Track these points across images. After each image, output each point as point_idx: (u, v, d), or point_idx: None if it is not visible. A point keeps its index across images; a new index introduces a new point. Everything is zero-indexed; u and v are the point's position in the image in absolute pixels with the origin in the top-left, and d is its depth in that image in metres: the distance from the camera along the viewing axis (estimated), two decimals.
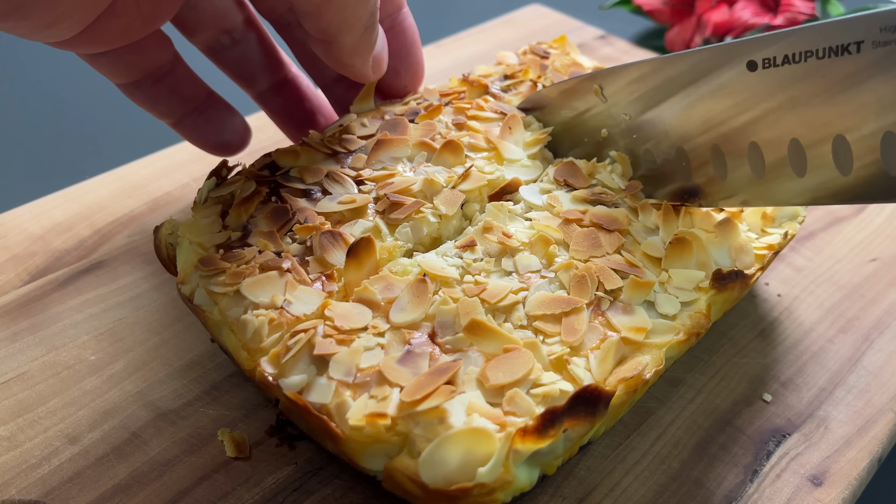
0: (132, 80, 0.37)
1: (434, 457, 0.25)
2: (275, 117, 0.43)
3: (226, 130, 0.41)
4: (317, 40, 0.33)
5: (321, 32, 0.32)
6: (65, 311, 0.38)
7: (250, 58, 0.41)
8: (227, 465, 0.32)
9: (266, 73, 0.42)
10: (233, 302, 0.30)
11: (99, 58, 0.34)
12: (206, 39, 0.40)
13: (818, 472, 0.32)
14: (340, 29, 0.32)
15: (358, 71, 0.35)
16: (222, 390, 0.35)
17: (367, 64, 0.35)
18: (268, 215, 0.33)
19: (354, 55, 0.34)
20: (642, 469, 0.32)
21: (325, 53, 0.34)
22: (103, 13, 0.30)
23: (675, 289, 0.32)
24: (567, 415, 0.26)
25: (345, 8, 0.31)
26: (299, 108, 0.43)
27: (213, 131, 0.40)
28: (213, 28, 0.39)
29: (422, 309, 0.29)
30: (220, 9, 0.39)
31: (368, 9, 0.32)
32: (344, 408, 0.27)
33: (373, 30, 0.34)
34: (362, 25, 0.32)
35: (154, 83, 0.37)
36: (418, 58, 0.42)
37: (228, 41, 0.40)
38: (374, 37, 0.34)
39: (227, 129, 0.41)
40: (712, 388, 0.36)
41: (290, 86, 0.43)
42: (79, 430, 0.33)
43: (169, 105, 0.39)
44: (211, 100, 0.40)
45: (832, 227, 0.46)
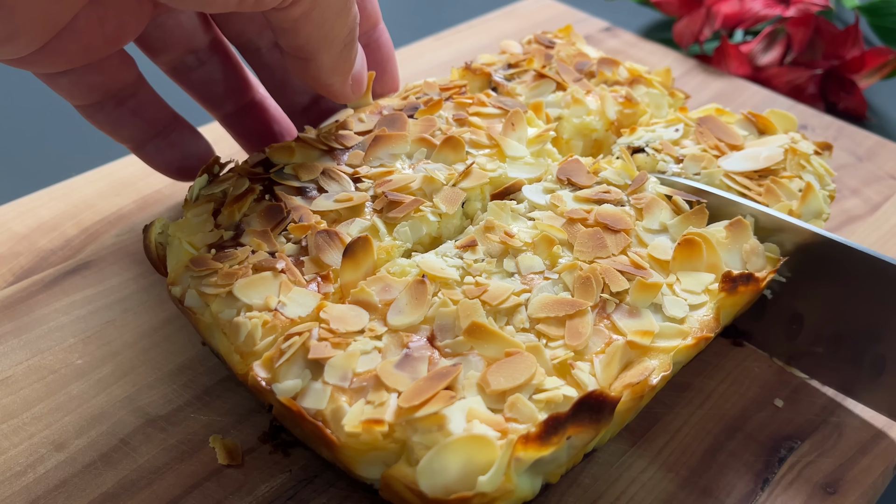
0: (93, 102, 0.35)
1: (433, 465, 0.25)
2: (241, 140, 0.43)
3: (189, 155, 0.40)
4: (294, 58, 0.33)
5: (298, 50, 0.32)
6: (50, 314, 0.38)
7: (216, 79, 0.40)
8: (219, 472, 0.32)
9: (232, 96, 0.41)
10: (225, 304, 0.30)
11: (58, 78, 0.33)
12: (171, 60, 0.39)
13: (831, 479, 0.32)
14: (319, 46, 0.32)
15: (337, 90, 0.35)
16: (214, 395, 0.35)
17: (346, 83, 0.35)
18: (261, 214, 0.33)
19: (333, 74, 0.34)
20: (649, 477, 0.32)
21: (303, 72, 0.34)
22: (63, 30, 0.29)
23: (683, 291, 0.32)
24: (571, 421, 0.26)
25: (323, 24, 0.31)
26: (266, 131, 0.43)
27: (176, 156, 0.40)
28: (178, 48, 0.39)
29: (420, 311, 0.29)
30: (186, 29, 0.38)
31: (348, 25, 0.32)
32: (339, 414, 0.27)
33: (352, 47, 0.33)
34: (342, 42, 0.32)
35: (116, 105, 0.36)
36: (394, 74, 0.42)
37: (194, 62, 0.40)
38: (353, 54, 0.34)
39: (190, 153, 0.40)
40: (722, 393, 0.36)
41: (256, 108, 0.42)
42: (65, 437, 0.33)
43: (132, 129, 0.38)
44: (175, 123, 0.39)
45: (846, 227, 0.46)
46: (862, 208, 0.47)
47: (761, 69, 0.62)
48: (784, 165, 0.37)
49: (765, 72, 0.61)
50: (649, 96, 0.43)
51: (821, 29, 0.62)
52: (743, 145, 0.39)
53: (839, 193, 0.48)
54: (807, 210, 0.36)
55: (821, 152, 0.39)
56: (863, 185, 0.49)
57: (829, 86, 0.62)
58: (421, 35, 0.64)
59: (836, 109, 0.62)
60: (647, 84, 0.44)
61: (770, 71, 0.61)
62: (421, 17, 0.78)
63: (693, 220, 0.34)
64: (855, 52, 0.60)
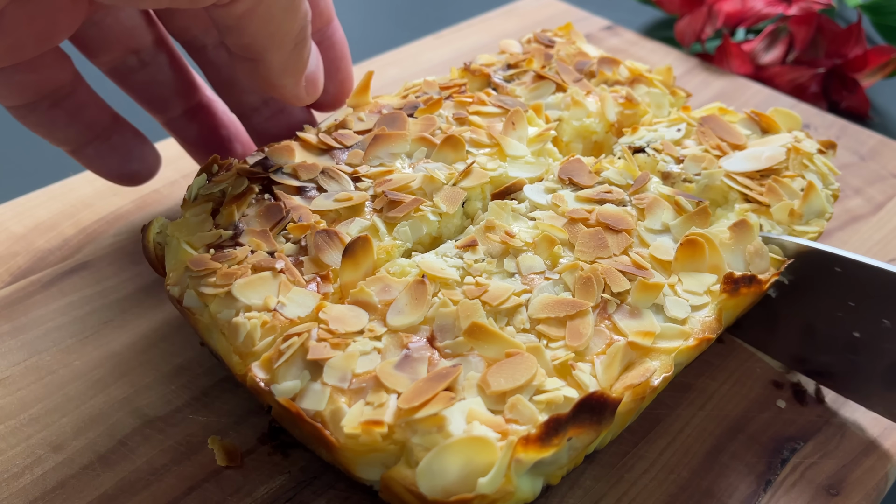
0: (25, 103, 0.34)
1: (433, 466, 0.25)
2: (187, 146, 0.41)
3: (132, 160, 0.38)
4: (241, 59, 0.31)
5: (245, 49, 0.30)
6: (48, 314, 0.38)
7: (160, 81, 0.39)
8: (218, 474, 0.32)
9: (177, 98, 0.39)
10: (224, 304, 0.30)
11: None
12: (110, 61, 0.37)
13: (834, 481, 0.32)
14: (267, 45, 0.30)
15: (289, 92, 0.33)
16: (212, 396, 0.35)
17: (299, 84, 0.33)
18: (260, 214, 0.33)
19: (284, 74, 0.32)
20: (650, 479, 0.32)
21: (252, 74, 0.32)
22: None
23: (685, 292, 0.31)
24: (571, 423, 0.26)
25: (271, 21, 0.29)
26: (214, 135, 0.41)
27: (118, 161, 0.38)
28: (118, 48, 0.36)
29: (420, 311, 0.29)
30: (126, 27, 0.36)
31: (298, 22, 0.30)
32: (339, 415, 0.27)
33: (304, 46, 0.32)
34: (292, 41, 0.30)
35: (51, 106, 0.34)
36: (347, 72, 0.41)
37: (136, 63, 0.38)
38: (305, 54, 0.32)
39: (133, 158, 0.38)
40: (724, 394, 0.36)
41: (203, 112, 0.41)
42: (63, 438, 0.33)
43: (68, 131, 0.36)
44: (116, 125, 0.37)
45: (849, 226, 0.46)
46: (865, 208, 0.47)
47: (763, 68, 0.62)
48: (786, 165, 0.37)
49: (767, 71, 0.61)
50: (650, 96, 0.43)
51: (823, 27, 0.62)
52: (746, 144, 0.39)
53: (842, 193, 0.48)
54: (809, 209, 0.36)
55: (825, 151, 0.39)
56: (866, 185, 0.49)
57: (831, 85, 0.62)
58: (421, 33, 0.64)
59: (838, 108, 0.62)
60: (647, 83, 0.44)
61: (772, 70, 0.61)
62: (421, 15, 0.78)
63: (695, 221, 0.34)
64: (857, 51, 0.60)
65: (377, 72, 0.56)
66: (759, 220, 0.35)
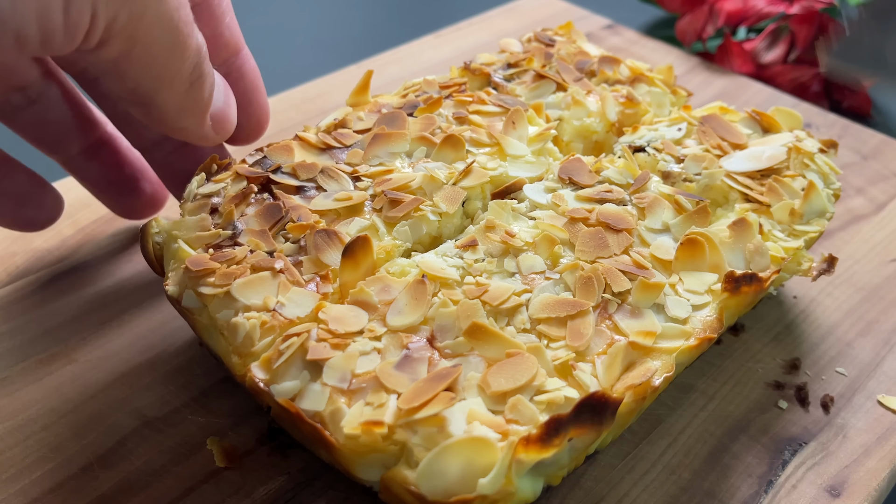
0: None
1: (433, 467, 0.25)
2: (89, 186, 0.38)
3: (27, 206, 0.35)
4: (131, 103, 0.28)
5: (132, 94, 0.28)
6: (46, 314, 0.38)
7: (52, 120, 0.35)
8: (217, 475, 0.31)
9: (74, 137, 0.36)
10: (223, 304, 0.30)
11: None
12: None
13: (836, 482, 0.32)
14: (155, 87, 0.27)
15: (193, 134, 0.31)
16: (211, 397, 0.35)
17: (203, 124, 0.31)
18: (259, 213, 0.33)
19: (183, 116, 0.29)
20: (652, 479, 0.32)
21: (146, 117, 0.29)
22: None
23: (686, 291, 0.31)
24: (572, 423, 0.26)
25: (153, 63, 0.26)
26: (118, 174, 0.38)
27: (11, 207, 0.35)
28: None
29: (420, 311, 0.29)
30: (5, 64, 0.31)
31: (188, 59, 0.27)
32: (338, 415, 0.27)
33: (201, 84, 0.29)
34: (185, 80, 0.28)
35: None
36: (261, 105, 0.38)
37: (22, 100, 0.34)
38: (205, 92, 0.29)
39: (28, 204, 0.35)
40: (725, 395, 0.36)
41: (104, 149, 0.38)
42: (61, 439, 0.33)
43: None
44: (6, 169, 0.34)
45: (850, 227, 0.46)
46: (867, 207, 0.47)
47: (765, 67, 0.62)
48: (787, 164, 0.37)
49: (768, 70, 0.61)
50: (651, 95, 0.43)
51: (825, 26, 0.62)
52: (747, 144, 0.39)
53: (844, 192, 0.48)
54: (809, 209, 0.36)
55: (826, 150, 0.39)
56: (868, 184, 0.49)
57: (833, 84, 0.62)
58: (421, 32, 0.64)
59: (840, 108, 0.62)
60: (648, 82, 0.44)
61: (774, 69, 0.61)
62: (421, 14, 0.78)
63: (696, 220, 0.34)
64: None
65: (377, 71, 0.56)
66: (758, 219, 0.35)
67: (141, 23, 0.25)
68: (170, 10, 0.26)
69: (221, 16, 0.34)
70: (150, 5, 0.25)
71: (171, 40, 0.26)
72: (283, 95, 0.55)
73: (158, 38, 0.26)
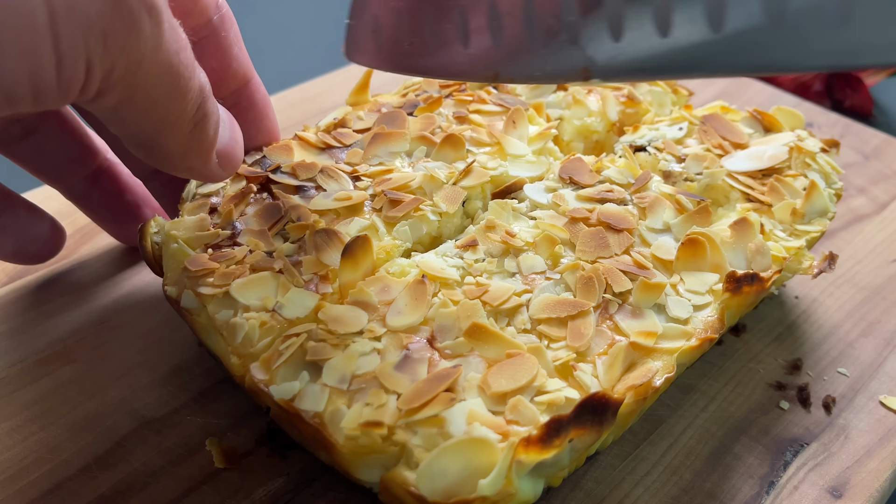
0: None
1: (433, 468, 0.25)
2: (91, 214, 0.39)
3: (28, 240, 0.35)
4: (133, 146, 0.28)
5: (133, 138, 0.27)
6: (44, 314, 0.38)
7: (51, 149, 0.35)
8: (216, 476, 0.31)
9: (74, 165, 0.36)
10: (222, 304, 0.30)
11: None
12: None
13: (838, 483, 0.32)
14: (158, 131, 0.26)
15: (199, 173, 0.30)
16: (210, 397, 0.35)
17: (209, 163, 0.30)
18: (259, 213, 0.33)
19: (188, 157, 0.29)
20: (653, 480, 0.32)
21: (150, 160, 0.29)
22: None
23: (687, 291, 0.31)
24: (573, 424, 0.26)
25: (154, 108, 0.25)
26: (119, 201, 0.38)
27: (12, 241, 0.35)
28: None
29: (420, 312, 0.29)
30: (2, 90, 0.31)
31: (191, 101, 0.26)
32: (338, 416, 0.27)
33: (206, 123, 0.28)
34: (188, 122, 0.27)
35: None
36: (271, 132, 0.37)
37: (19, 131, 0.34)
38: (210, 131, 0.29)
39: (28, 237, 0.35)
40: (726, 396, 0.36)
41: (104, 177, 0.38)
42: (59, 440, 0.33)
43: None
44: (6, 203, 0.34)
45: (852, 226, 0.46)
46: (869, 207, 0.47)
47: None
48: (789, 164, 0.37)
49: None
50: (652, 94, 0.43)
51: None
52: (748, 143, 0.39)
53: (845, 192, 0.48)
54: (811, 209, 0.36)
55: (828, 150, 0.39)
56: (869, 184, 0.49)
57: (834, 83, 0.62)
58: None
59: (841, 107, 0.62)
60: (649, 81, 0.44)
61: None
62: None
63: (697, 220, 0.34)
64: None
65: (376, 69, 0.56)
66: (760, 219, 0.35)
67: (139, 71, 0.24)
68: (169, 56, 0.24)
69: (229, 48, 0.33)
70: (148, 53, 0.24)
71: (172, 85, 0.25)
72: (282, 94, 0.55)
73: (159, 84, 0.25)
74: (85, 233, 0.43)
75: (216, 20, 0.32)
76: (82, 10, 0.21)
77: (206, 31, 0.32)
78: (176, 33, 0.25)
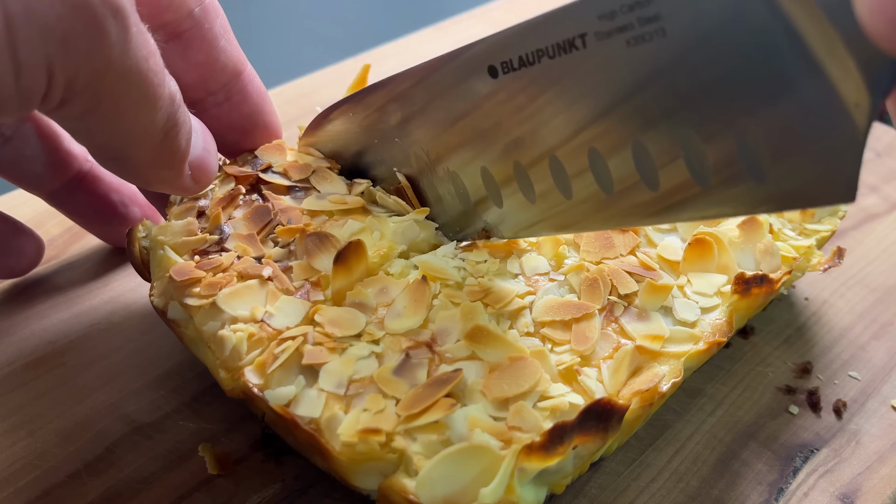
0: None
1: (433, 476, 0.25)
2: (76, 218, 0.38)
3: (8, 254, 0.36)
4: (102, 158, 0.27)
5: (101, 149, 0.27)
6: (32, 316, 0.38)
7: (29, 156, 0.35)
8: (209, 482, 0.31)
9: (54, 171, 0.36)
10: (209, 315, 0.29)
11: None
12: None
13: (849, 490, 0.32)
14: (127, 142, 0.26)
15: (171, 185, 0.30)
16: (203, 402, 0.34)
17: (180, 175, 0.29)
18: (248, 216, 0.33)
19: (158, 168, 0.28)
20: (658, 487, 0.32)
21: (120, 172, 0.28)
22: None
23: (694, 293, 0.31)
24: (577, 430, 0.25)
25: (122, 117, 0.25)
26: (104, 203, 0.38)
27: None
28: None
29: (420, 314, 0.29)
30: None
31: (161, 111, 0.25)
32: (335, 422, 0.26)
33: (177, 133, 0.27)
34: (158, 132, 0.26)
35: None
36: (269, 127, 0.36)
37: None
38: (181, 141, 0.28)
39: (9, 252, 0.36)
40: (734, 400, 0.36)
41: (87, 180, 0.37)
42: (48, 446, 0.32)
43: None
44: None
45: (863, 226, 0.46)
46: (881, 206, 0.47)
47: None
48: None
49: None
50: None
51: None
52: None
53: None
54: (822, 208, 0.36)
55: None
56: (882, 182, 0.49)
57: None
58: (420, 25, 0.64)
59: None
60: None
61: None
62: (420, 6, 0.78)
63: None
64: None
65: (374, 64, 0.56)
66: (769, 218, 0.34)
67: (106, 77, 0.23)
68: (137, 61, 0.23)
69: (215, 39, 0.32)
70: (115, 58, 0.23)
71: (140, 93, 0.24)
72: (278, 90, 0.55)
73: (127, 92, 0.24)
74: (73, 233, 0.42)
75: (198, 12, 0.31)
76: (41, 15, 0.21)
77: (188, 23, 0.31)
78: (144, 38, 0.24)
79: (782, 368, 0.37)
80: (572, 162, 0.27)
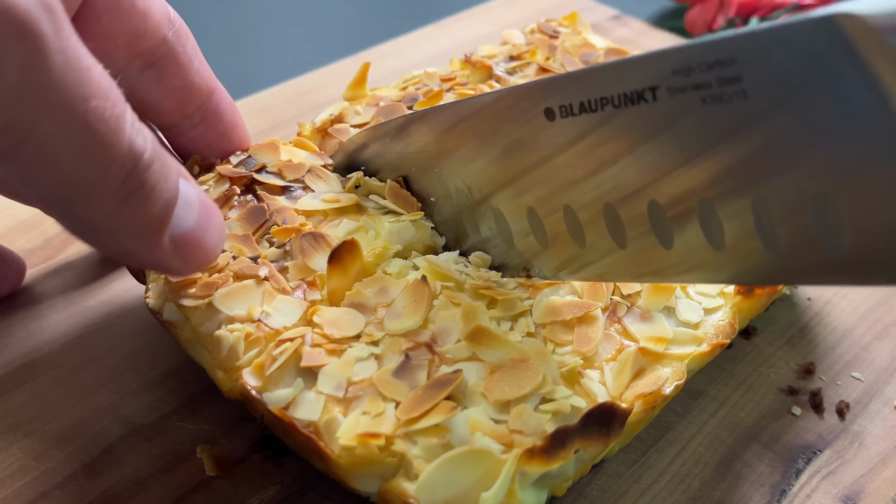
0: None
1: (433, 480, 0.24)
2: None
3: None
4: (51, 213, 0.23)
5: (41, 202, 0.23)
6: (30, 317, 0.37)
7: None
8: (207, 484, 0.31)
9: None
10: (205, 316, 0.29)
11: None
12: None
13: (852, 491, 0.32)
14: (69, 197, 0.22)
15: (145, 260, 0.25)
16: (201, 403, 0.34)
17: (155, 249, 0.24)
18: (242, 216, 0.32)
19: (121, 238, 0.23)
20: (660, 489, 0.32)
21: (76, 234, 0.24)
22: None
23: (698, 294, 0.31)
24: (579, 434, 0.25)
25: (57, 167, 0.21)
26: None
27: None
28: None
29: (420, 314, 0.29)
30: None
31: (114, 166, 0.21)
32: (334, 425, 0.26)
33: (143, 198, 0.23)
34: (112, 192, 0.22)
35: None
36: (241, 140, 0.36)
37: None
38: (152, 208, 0.23)
39: None
40: (736, 401, 0.35)
41: None
42: (45, 447, 0.32)
43: None
44: None
45: None
46: None
47: None
48: None
49: None
50: None
51: None
52: None
53: None
54: None
55: None
56: None
57: None
58: (420, 23, 0.63)
59: None
60: None
61: None
62: (420, 3, 0.78)
63: None
64: None
65: (374, 63, 0.55)
66: None
67: (22, 109, 0.19)
68: (70, 99, 0.20)
69: (188, 62, 0.32)
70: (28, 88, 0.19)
71: (80, 140, 0.20)
72: (277, 89, 0.54)
73: (59, 136, 0.20)
74: None
75: (171, 37, 0.31)
76: None
77: (162, 49, 0.31)
78: (79, 74, 0.20)
79: (785, 369, 0.37)
80: (629, 211, 0.26)
